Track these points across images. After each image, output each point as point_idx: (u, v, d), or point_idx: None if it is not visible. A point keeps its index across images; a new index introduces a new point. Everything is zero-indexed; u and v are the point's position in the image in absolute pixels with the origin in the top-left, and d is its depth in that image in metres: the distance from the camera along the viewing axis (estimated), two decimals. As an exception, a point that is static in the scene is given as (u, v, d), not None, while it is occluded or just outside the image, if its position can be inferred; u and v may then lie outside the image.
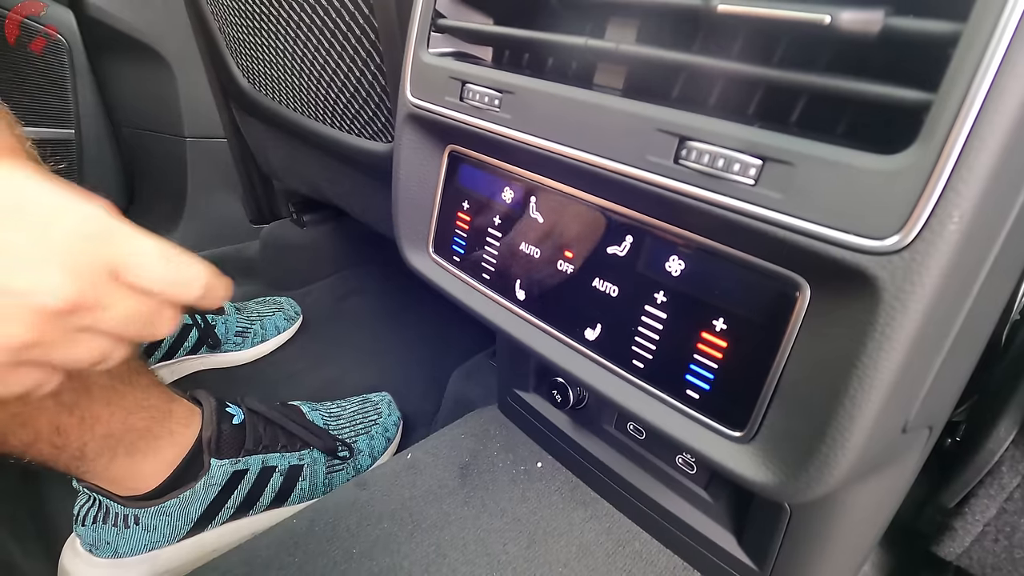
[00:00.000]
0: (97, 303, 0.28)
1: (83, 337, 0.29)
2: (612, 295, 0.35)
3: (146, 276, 0.29)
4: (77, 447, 0.55)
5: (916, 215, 0.21)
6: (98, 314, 0.29)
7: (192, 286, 0.31)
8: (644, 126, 0.29)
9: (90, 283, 0.28)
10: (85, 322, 0.29)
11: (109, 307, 0.29)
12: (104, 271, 0.28)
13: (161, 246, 0.30)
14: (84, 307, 0.28)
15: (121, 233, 0.29)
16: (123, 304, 0.30)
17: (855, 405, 0.25)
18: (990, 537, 0.46)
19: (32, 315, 0.26)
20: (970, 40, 0.20)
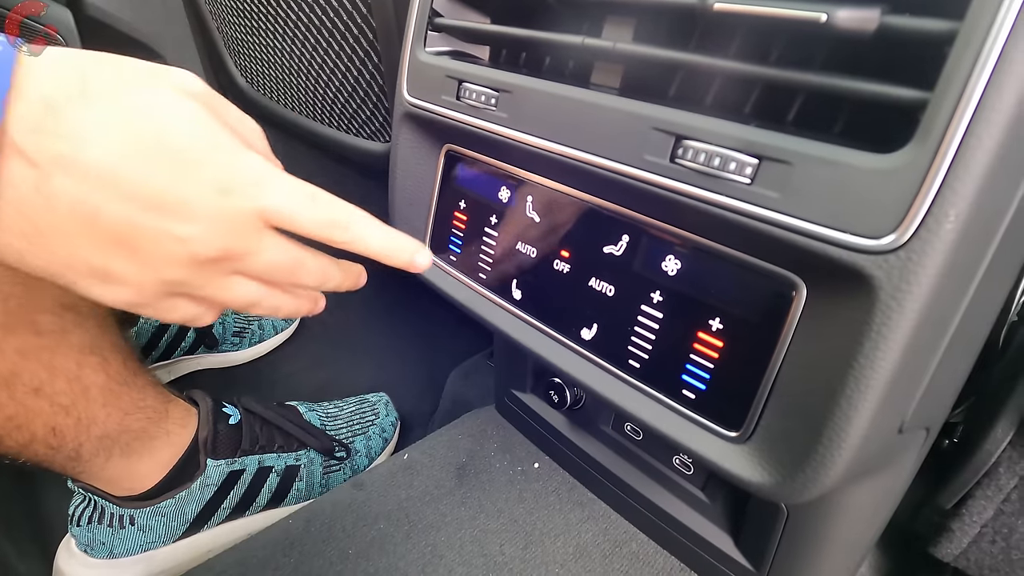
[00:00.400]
0: (246, 251, 0.29)
1: (235, 280, 0.31)
2: (608, 295, 0.35)
3: (295, 221, 0.30)
4: (73, 448, 0.54)
5: (912, 214, 0.21)
6: (247, 260, 0.30)
7: (341, 227, 0.31)
8: (640, 125, 0.29)
9: (240, 232, 0.28)
10: (235, 268, 0.30)
11: (258, 254, 0.30)
12: (256, 219, 0.29)
13: (310, 188, 0.31)
14: (234, 256, 0.29)
15: (273, 179, 0.29)
16: (272, 250, 0.30)
17: (851, 405, 0.25)
18: (987, 538, 0.46)
19: (187, 259, 0.28)
20: (966, 39, 0.20)
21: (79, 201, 0.26)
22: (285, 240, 0.31)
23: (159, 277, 0.28)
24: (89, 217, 0.26)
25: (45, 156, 0.25)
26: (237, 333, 0.98)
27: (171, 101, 0.28)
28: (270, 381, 0.97)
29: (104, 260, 0.27)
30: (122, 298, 0.29)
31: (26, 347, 0.49)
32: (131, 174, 0.26)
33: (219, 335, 0.95)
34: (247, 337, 0.99)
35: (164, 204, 0.27)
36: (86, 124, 0.25)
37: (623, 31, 0.33)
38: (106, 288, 0.28)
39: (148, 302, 0.30)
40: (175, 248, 0.27)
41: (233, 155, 0.28)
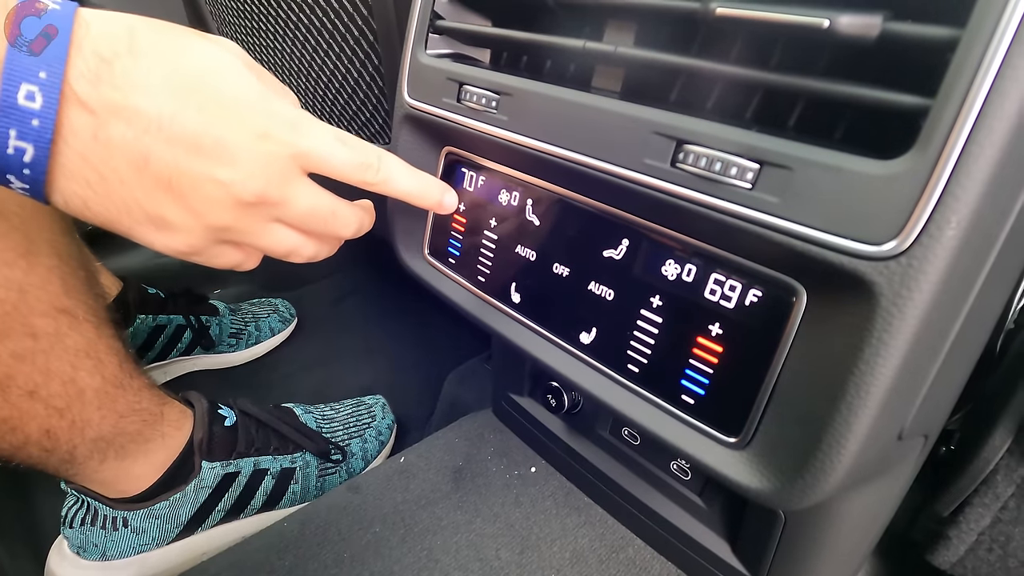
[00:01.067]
0: (283, 196, 0.31)
1: (274, 227, 0.33)
2: (608, 299, 0.35)
3: (329, 163, 0.32)
4: (67, 450, 0.54)
5: (913, 220, 0.21)
6: (285, 207, 0.32)
7: (373, 169, 0.33)
8: (641, 129, 0.29)
9: (279, 177, 0.31)
10: (275, 213, 0.32)
11: (295, 199, 0.32)
12: (292, 164, 0.31)
13: (341, 133, 0.33)
14: (272, 201, 0.31)
15: (306, 125, 0.31)
16: (307, 197, 0.32)
17: (851, 412, 0.25)
18: (984, 546, 0.46)
19: (229, 202, 0.30)
20: (968, 45, 0.20)
21: (131, 145, 0.28)
22: (320, 189, 0.33)
23: (205, 222, 0.30)
24: (141, 161, 0.28)
25: (101, 104, 0.27)
26: (234, 335, 0.97)
27: (213, 54, 0.30)
28: (266, 383, 0.97)
29: (157, 206, 0.29)
30: (175, 244, 0.31)
31: (21, 350, 0.49)
32: (175, 119, 0.28)
33: (216, 336, 0.95)
34: (244, 338, 0.99)
35: (205, 147, 0.29)
36: (136, 74, 0.27)
37: (624, 35, 0.33)
38: (161, 235, 0.30)
39: (198, 249, 0.32)
40: (217, 191, 0.29)
41: (269, 103, 0.30)
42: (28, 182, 0.28)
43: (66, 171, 0.28)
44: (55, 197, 0.29)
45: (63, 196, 0.29)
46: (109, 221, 0.30)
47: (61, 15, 0.27)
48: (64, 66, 0.26)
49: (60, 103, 0.26)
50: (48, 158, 0.27)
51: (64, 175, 0.28)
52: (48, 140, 0.26)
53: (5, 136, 0.26)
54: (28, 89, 0.26)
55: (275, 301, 1.09)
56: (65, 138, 0.27)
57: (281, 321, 1.05)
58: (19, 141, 0.26)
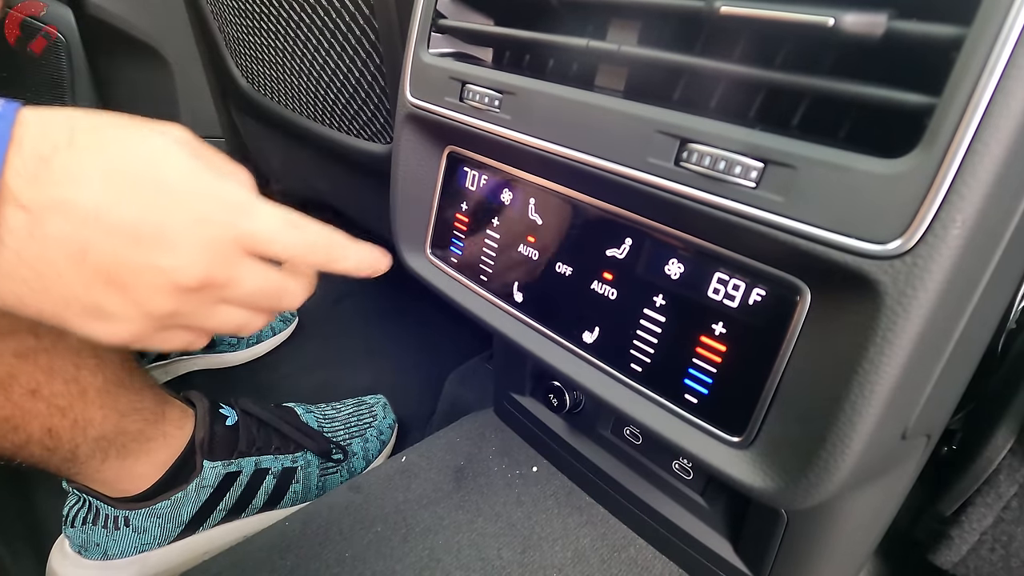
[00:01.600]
0: (229, 279, 0.31)
1: (221, 308, 0.32)
2: (611, 298, 0.35)
3: (273, 246, 0.31)
4: (69, 449, 0.54)
5: (919, 219, 0.21)
6: (230, 289, 0.31)
7: (319, 251, 0.33)
8: (645, 128, 0.29)
9: (222, 261, 0.30)
10: (220, 295, 0.31)
11: (241, 281, 0.31)
12: (235, 247, 0.30)
13: (288, 215, 0.32)
14: (217, 284, 0.30)
15: (250, 207, 0.31)
16: (253, 278, 0.32)
17: (855, 411, 0.25)
18: (987, 546, 0.46)
19: (172, 289, 0.29)
20: (974, 44, 0.20)
21: (69, 239, 0.27)
22: (265, 267, 0.33)
23: (148, 310, 0.30)
24: (79, 254, 0.27)
25: (38, 202, 0.26)
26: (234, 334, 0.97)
27: (155, 143, 0.30)
28: (267, 382, 0.97)
29: (96, 297, 0.29)
30: (117, 335, 0.30)
31: (24, 349, 0.49)
32: (113, 210, 0.28)
33: (216, 336, 0.95)
34: (244, 338, 0.99)
35: (145, 236, 0.28)
36: (73, 169, 0.27)
37: (628, 34, 0.33)
38: (101, 326, 0.30)
39: (142, 337, 0.31)
40: (159, 279, 0.29)
41: (212, 187, 0.30)
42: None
43: (1, 271, 0.27)
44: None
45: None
46: (46, 315, 0.29)
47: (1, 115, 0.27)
48: (3, 166, 0.26)
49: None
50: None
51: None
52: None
53: None
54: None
55: (276, 301, 1.09)
56: (1, 238, 0.26)
57: (282, 321, 1.05)
58: None
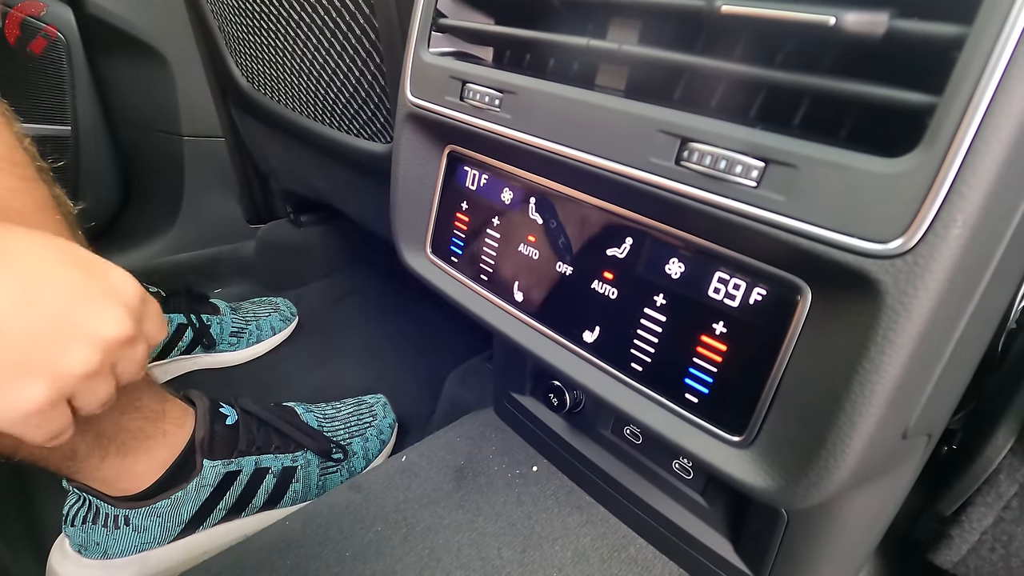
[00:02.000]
0: (139, 336, 0.37)
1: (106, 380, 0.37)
2: (611, 297, 0.35)
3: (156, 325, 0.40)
4: (68, 447, 0.54)
5: (920, 219, 0.21)
6: (136, 347, 0.38)
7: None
8: (646, 127, 0.29)
9: (135, 324, 0.37)
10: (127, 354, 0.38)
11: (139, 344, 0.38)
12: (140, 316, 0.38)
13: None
14: (134, 339, 0.37)
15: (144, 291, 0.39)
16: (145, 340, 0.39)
17: (856, 410, 0.25)
18: (987, 546, 0.46)
19: (102, 343, 0.35)
20: (975, 43, 0.20)
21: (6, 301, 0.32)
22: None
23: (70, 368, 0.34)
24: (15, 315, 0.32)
25: None
26: (235, 333, 0.97)
27: (39, 250, 0.35)
28: (268, 382, 0.97)
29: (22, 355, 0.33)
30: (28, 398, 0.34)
31: None
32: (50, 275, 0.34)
33: (217, 335, 0.95)
34: (245, 337, 0.99)
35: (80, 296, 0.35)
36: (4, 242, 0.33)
37: (628, 33, 0.33)
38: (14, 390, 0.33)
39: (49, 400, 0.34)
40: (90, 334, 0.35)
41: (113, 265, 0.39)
42: None
43: None
44: None
45: None
46: None
47: None
48: None
49: None
50: None
51: None
52: None
53: None
54: None
55: (276, 300, 1.09)
56: None
57: (282, 320, 1.05)
58: None
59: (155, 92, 1.12)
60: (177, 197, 1.21)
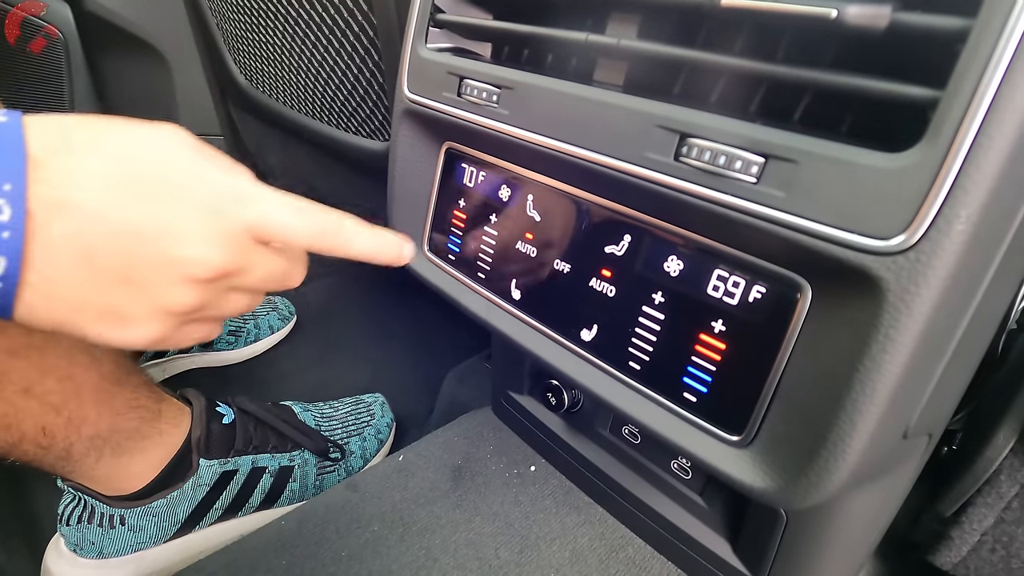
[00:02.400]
0: (241, 268, 0.31)
1: (232, 295, 0.33)
2: (609, 295, 0.35)
3: (285, 233, 0.31)
4: (63, 447, 0.54)
5: (922, 214, 0.21)
6: (242, 277, 0.31)
7: (330, 235, 0.33)
8: (644, 122, 0.29)
9: (235, 251, 0.30)
10: (233, 284, 0.31)
11: (252, 269, 0.31)
12: (246, 235, 0.30)
13: (294, 201, 0.32)
14: (231, 273, 0.30)
15: (257, 195, 0.31)
16: (265, 265, 0.32)
17: (857, 409, 0.25)
18: (987, 547, 0.46)
19: (188, 281, 0.29)
20: (979, 36, 0.20)
21: (75, 242, 0.27)
22: (275, 254, 0.33)
23: (167, 307, 0.29)
24: (87, 257, 0.27)
25: (39, 206, 0.26)
26: (232, 332, 0.97)
27: (153, 139, 0.29)
28: (265, 381, 0.96)
29: (111, 299, 0.28)
30: (138, 338, 0.30)
31: (16, 346, 0.48)
32: (119, 209, 0.27)
33: (214, 334, 0.94)
34: (242, 336, 0.98)
35: (154, 232, 0.28)
36: (71, 171, 0.27)
37: (627, 27, 0.33)
38: (120, 330, 0.29)
39: (163, 337, 0.31)
40: (175, 273, 0.29)
41: (216, 181, 0.30)
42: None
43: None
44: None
45: None
46: (60, 323, 0.28)
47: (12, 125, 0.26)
48: (25, 175, 0.25)
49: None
50: (20, 269, 0.26)
51: None
52: (19, 251, 0.25)
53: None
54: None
55: (274, 299, 1.09)
56: None
57: (280, 319, 1.05)
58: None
59: (154, 90, 1.12)
60: (175, 195, 1.21)
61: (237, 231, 0.30)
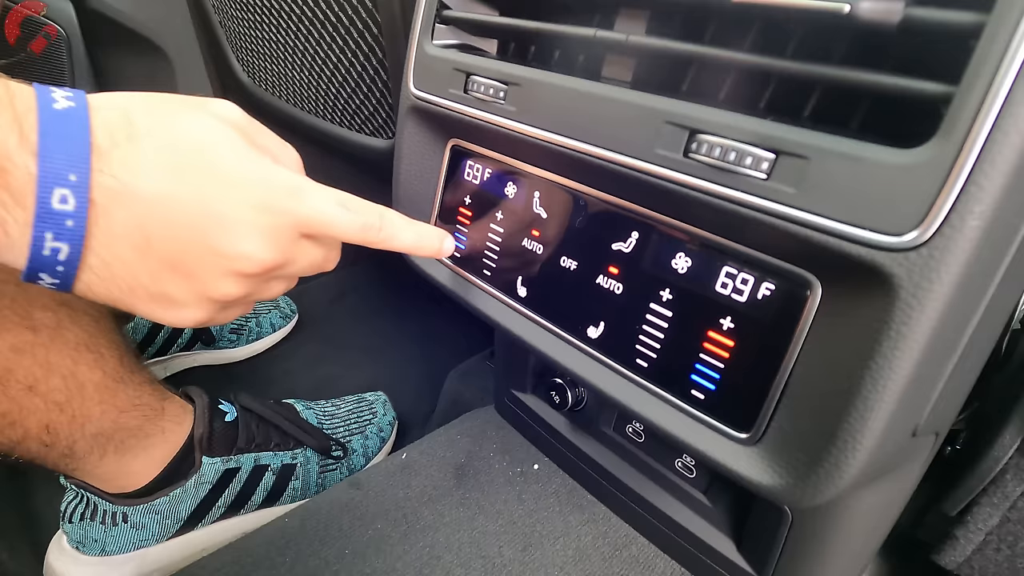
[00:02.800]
0: (287, 262, 0.32)
1: (274, 283, 0.34)
2: (616, 292, 0.35)
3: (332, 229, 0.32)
4: (67, 445, 0.54)
5: (935, 211, 0.21)
6: (287, 269, 0.33)
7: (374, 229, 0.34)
8: (653, 119, 0.28)
9: (283, 246, 0.31)
10: (277, 275, 0.33)
11: (296, 261, 0.33)
12: (294, 231, 0.31)
13: (340, 196, 0.33)
14: (277, 267, 0.32)
15: (306, 191, 0.32)
16: (308, 256, 0.34)
17: (867, 407, 0.24)
18: (992, 546, 0.45)
19: (235, 275, 0.30)
20: (994, 31, 0.20)
21: (133, 229, 0.28)
22: (316, 245, 0.34)
23: (213, 296, 0.31)
24: (143, 244, 0.28)
25: (101, 193, 0.27)
26: (234, 330, 0.97)
27: (208, 127, 0.30)
28: (267, 379, 0.96)
29: (163, 286, 0.30)
30: (184, 319, 0.32)
31: (21, 344, 0.48)
32: (173, 199, 0.28)
33: (216, 332, 0.94)
34: (244, 334, 0.98)
35: (208, 226, 0.29)
36: (132, 159, 0.28)
37: (636, 23, 0.33)
38: (169, 312, 0.31)
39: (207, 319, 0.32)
40: (224, 266, 0.30)
41: (267, 172, 0.31)
42: (60, 278, 0.28)
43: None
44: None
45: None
46: (114, 301, 0.30)
47: (78, 113, 0.27)
48: (89, 164, 0.26)
49: None
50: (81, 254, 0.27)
51: None
52: (82, 238, 0.27)
53: (41, 239, 0.26)
54: (61, 193, 0.26)
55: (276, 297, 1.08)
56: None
57: (282, 317, 1.05)
58: (56, 242, 0.27)
59: (156, 87, 1.11)
60: (177, 193, 1.20)
61: (287, 227, 0.31)
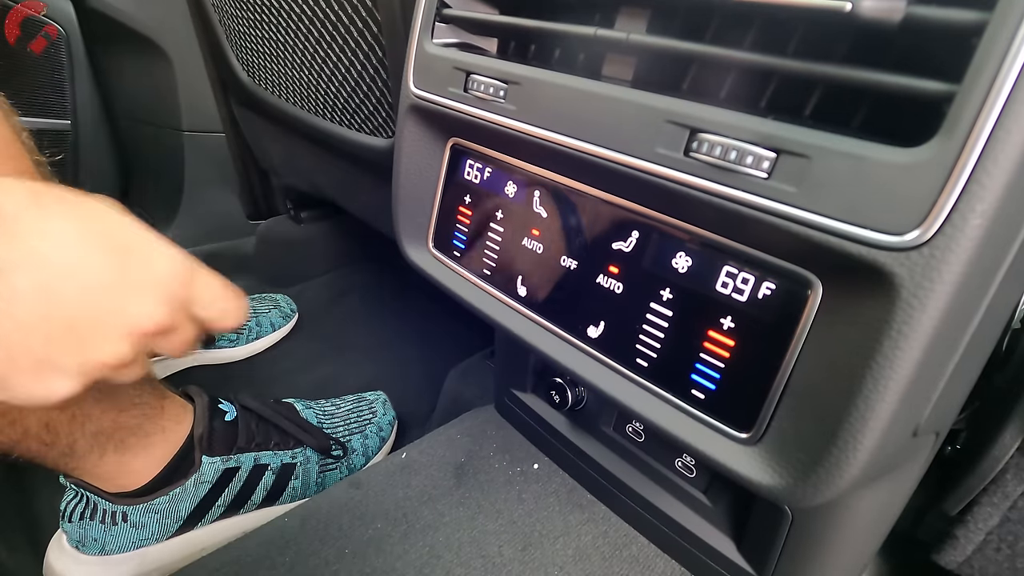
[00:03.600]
0: (173, 328, 0.34)
1: (137, 364, 0.35)
2: (616, 292, 0.34)
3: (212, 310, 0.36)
4: (66, 444, 0.54)
5: (937, 210, 0.21)
6: (170, 336, 0.35)
7: (232, 316, 0.38)
8: (654, 117, 0.28)
9: (173, 313, 0.34)
10: (158, 342, 0.35)
11: (178, 331, 0.35)
12: (183, 303, 0.34)
13: (224, 284, 0.37)
14: (166, 331, 0.34)
15: (199, 274, 0.35)
16: (187, 328, 0.36)
17: (868, 406, 0.24)
18: (992, 546, 0.45)
19: (132, 335, 0.32)
20: (996, 30, 0.20)
21: (39, 294, 0.29)
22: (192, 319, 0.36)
23: (98, 360, 0.31)
24: (47, 308, 0.29)
25: (8, 259, 0.28)
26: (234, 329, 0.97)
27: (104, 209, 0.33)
28: (267, 378, 0.96)
29: (52, 351, 0.30)
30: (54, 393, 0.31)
31: None
32: (88, 264, 0.30)
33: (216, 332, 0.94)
34: (244, 334, 0.98)
35: (116, 287, 0.31)
36: (44, 226, 0.29)
37: (636, 22, 0.33)
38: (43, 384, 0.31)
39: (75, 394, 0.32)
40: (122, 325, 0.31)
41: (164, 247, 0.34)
42: None
43: None
44: None
45: None
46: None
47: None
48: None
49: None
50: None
51: None
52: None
53: None
54: None
55: (276, 296, 1.08)
56: None
57: (282, 317, 1.05)
58: None
59: (155, 86, 1.12)
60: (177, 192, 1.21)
61: (180, 298, 0.34)
